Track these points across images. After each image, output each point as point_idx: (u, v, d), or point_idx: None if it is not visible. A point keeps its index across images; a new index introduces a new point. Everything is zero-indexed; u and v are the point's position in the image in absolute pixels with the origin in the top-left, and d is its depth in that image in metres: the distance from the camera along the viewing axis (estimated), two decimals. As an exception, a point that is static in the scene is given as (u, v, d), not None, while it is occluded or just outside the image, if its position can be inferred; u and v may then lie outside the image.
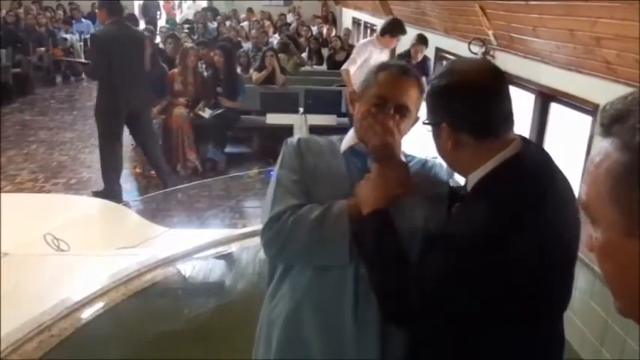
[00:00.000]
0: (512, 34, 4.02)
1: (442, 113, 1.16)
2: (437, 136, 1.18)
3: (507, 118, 1.15)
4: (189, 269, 2.38)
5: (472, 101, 1.12)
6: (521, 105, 4.29)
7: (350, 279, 1.21)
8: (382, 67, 1.34)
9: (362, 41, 5.24)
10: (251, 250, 2.46)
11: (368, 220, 1.18)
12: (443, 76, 1.17)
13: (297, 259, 1.26)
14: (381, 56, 5.16)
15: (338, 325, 1.20)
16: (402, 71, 1.31)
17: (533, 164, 1.13)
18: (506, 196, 1.07)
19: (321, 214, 1.20)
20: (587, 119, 3.24)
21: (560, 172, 1.17)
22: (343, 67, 5.12)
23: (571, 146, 3.57)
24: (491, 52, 4.50)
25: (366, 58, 5.00)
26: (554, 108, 3.81)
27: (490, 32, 4.35)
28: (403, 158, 1.30)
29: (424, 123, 1.23)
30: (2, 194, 4.54)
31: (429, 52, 6.04)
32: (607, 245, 0.54)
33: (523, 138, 1.17)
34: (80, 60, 7.15)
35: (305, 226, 1.20)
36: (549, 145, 3.90)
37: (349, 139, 1.38)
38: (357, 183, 1.24)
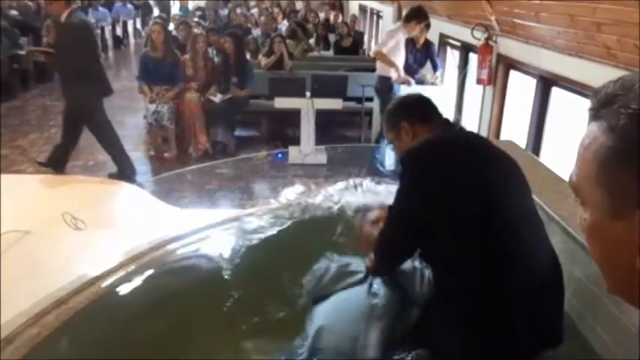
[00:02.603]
0: (514, 20, 3.95)
1: (400, 118, 1.68)
2: (399, 139, 1.68)
3: (438, 110, 1.73)
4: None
5: (419, 102, 1.75)
6: (523, 89, 4.23)
7: (365, 293, 1.67)
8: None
9: (391, 27, 5.18)
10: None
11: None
12: (394, 101, 1.84)
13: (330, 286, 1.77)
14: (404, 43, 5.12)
15: (356, 325, 1.59)
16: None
17: (459, 127, 1.87)
18: (436, 138, 1.59)
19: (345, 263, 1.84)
20: (588, 103, 3.18)
21: (486, 140, 1.86)
22: (376, 49, 5.06)
23: (571, 130, 3.52)
24: (494, 38, 4.42)
25: (397, 42, 4.96)
26: (555, 92, 3.75)
27: (493, 18, 4.27)
28: None
29: (388, 143, 1.79)
30: (25, 175, 4.58)
31: (434, 38, 5.95)
32: (594, 226, 0.53)
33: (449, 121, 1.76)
34: (42, 49, 6.72)
35: (334, 269, 1.82)
36: (550, 129, 3.85)
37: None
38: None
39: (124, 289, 2.03)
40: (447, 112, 5.59)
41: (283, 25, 9.46)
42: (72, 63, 4.31)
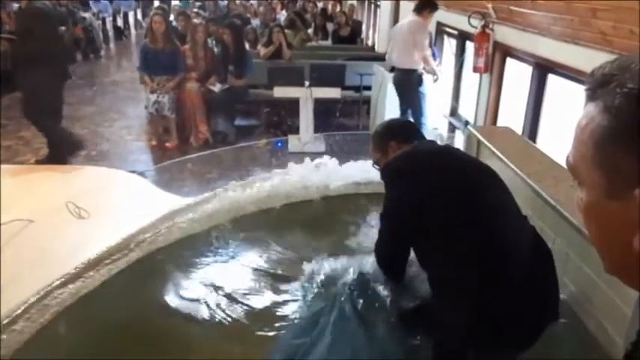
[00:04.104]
0: (510, 7, 3.90)
1: (389, 138, 1.81)
2: (386, 157, 1.78)
3: (421, 132, 1.93)
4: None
5: (405, 124, 2.05)
6: (520, 77, 4.19)
7: None
8: None
9: (419, 23, 4.85)
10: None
11: None
12: (380, 125, 1.97)
13: None
14: None
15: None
16: None
17: (434, 143, 1.88)
18: (411, 149, 1.73)
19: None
20: (585, 85, 3.15)
21: (459, 150, 1.99)
22: (422, 54, 4.83)
23: (567, 116, 3.49)
24: (491, 26, 4.37)
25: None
26: (552, 79, 3.72)
27: (489, 6, 4.22)
28: None
29: (374, 163, 1.88)
30: (28, 166, 4.56)
31: (431, 27, 5.89)
32: (590, 206, 0.53)
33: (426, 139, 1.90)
34: (4, 35, 6.30)
35: None
36: (546, 115, 3.83)
37: None
38: None
39: (123, 274, 2.04)
40: (445, 100, 5.58)
41: (282, 15, 9.39)
42: (32, 47, 4.22)
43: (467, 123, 5.01)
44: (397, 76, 5.00)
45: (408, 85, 4.90)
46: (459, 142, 3.91)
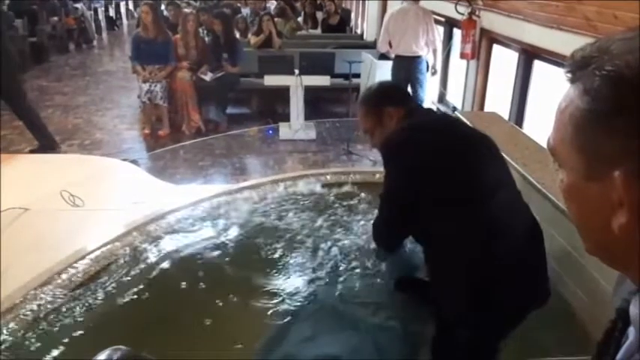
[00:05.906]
0: (497, -6, 3.87)
1: (384, 104, 1.64)
2: (382, 125, 1.63)
3: (411, 96, 1.86)
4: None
5: (397, 88, 1.88)
6: (506, 63, 4.18)
7: None
8: None
9: (428, 13, 4.88)
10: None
11: None
12: (370, 89, 1.78)
13: None
14: None
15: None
16: None
17: (428, 110, 1.77)
18: (415, 121, 1.60)
19: None
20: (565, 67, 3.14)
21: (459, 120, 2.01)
22: (434, 45, 4.88)
23: (553, 101, 3.48)
24: (477, 12, 4.34)
25: None
26: (537, 65, 3.70)
27: (476, -8, 4.19)
28: None
29: (365, 131, 1.72)
30: (23, 155, 4.50)
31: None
32: (571, 188, 0.52)
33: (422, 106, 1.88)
34: None
35: None
36: (533, 101, 3.82)
37: None
38: None
39: (120, 264, 2.01)
40: (432, 86, 5.55)
41: (272, 4, 9.26)
42: None
43: (454, 109, 5.00)
44: (405, 63, 4.87)
45: (419, 72, 4.87)
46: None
